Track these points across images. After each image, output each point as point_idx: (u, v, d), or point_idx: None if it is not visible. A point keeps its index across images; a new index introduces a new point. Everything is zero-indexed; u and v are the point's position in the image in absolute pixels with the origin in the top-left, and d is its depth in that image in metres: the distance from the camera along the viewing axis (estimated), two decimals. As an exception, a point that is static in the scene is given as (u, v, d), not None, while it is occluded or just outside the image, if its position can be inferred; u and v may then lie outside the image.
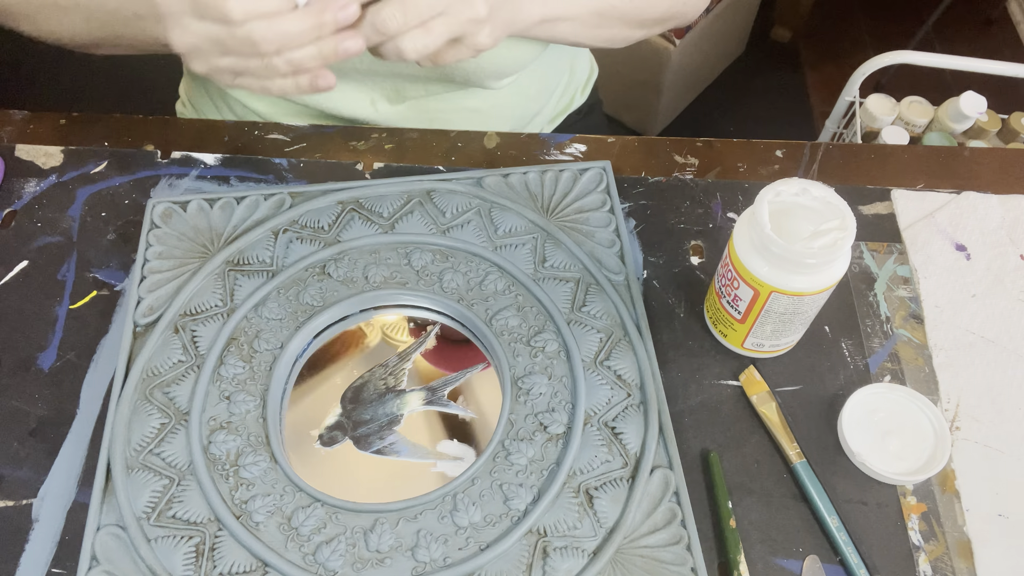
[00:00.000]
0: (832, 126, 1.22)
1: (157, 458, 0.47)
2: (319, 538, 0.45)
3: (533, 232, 0.56)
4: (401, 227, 0.56)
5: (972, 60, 1.07)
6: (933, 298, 0.55)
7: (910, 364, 0.53)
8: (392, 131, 0.64)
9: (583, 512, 0.45)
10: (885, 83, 1.71)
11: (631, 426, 0.48)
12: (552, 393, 0.49)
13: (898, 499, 0.47)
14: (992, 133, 1.13)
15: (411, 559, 0.44)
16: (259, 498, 0.46)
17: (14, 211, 0.60)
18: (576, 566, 0.44)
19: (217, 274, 0.54)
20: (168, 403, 0.49)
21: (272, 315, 0.52)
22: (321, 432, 0.50)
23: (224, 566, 0.44)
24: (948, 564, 0.45)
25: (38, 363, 0.53)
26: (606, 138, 0.64)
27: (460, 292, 0.54)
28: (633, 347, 0.51)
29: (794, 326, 0.49)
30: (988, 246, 0.58)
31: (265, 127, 0.65)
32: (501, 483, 0.46)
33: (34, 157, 0.62)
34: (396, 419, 0.50)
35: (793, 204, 0.47)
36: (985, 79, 1.11)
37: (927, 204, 0.60)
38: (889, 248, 0.58)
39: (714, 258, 0.57)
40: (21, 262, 0.57)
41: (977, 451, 0.49)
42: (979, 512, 0.47)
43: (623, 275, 0.54)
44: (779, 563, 0.46)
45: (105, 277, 0.56)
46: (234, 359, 0.51)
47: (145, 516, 0.45)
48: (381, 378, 0.52)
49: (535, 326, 0.52)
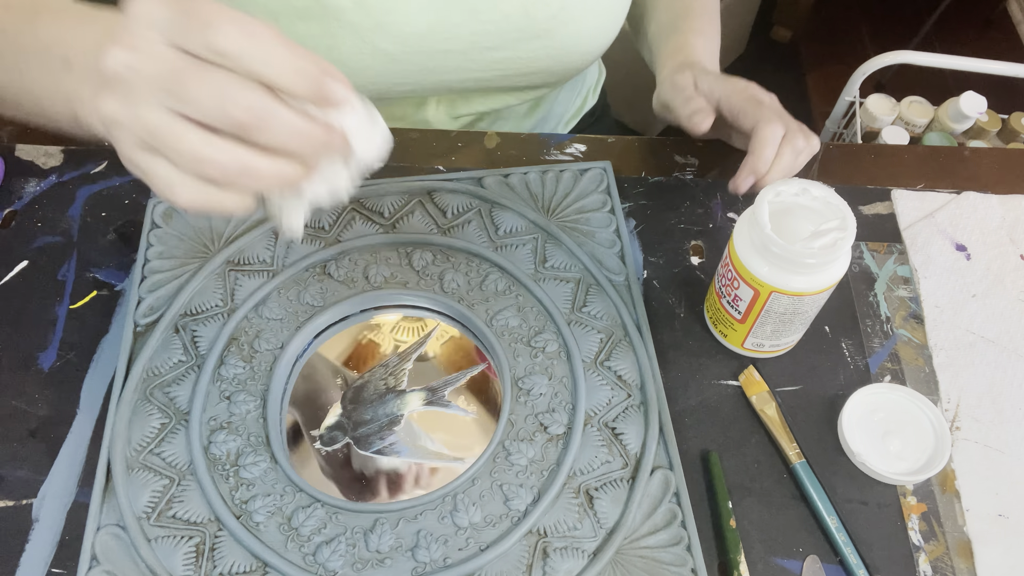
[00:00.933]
0: (832, 126, 1.22)
1: (157, 458, 0.47)
2: (319, 538, 0.45)
3: (534, 232, 0.56)
4: (402, 227, 0.56)
5: (972, 60, 1.07)
6: (933, 298, 0.55)
7: (910, 364, 0.53)
8: (392, 131, 0.64)
9: (583, 513, 0.45)
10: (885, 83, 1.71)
11: (631, 427, 0.48)
12: (552, 393, 0.49)
13: (898, 499, 0.47)
14: (992, 133, 1.13)
15: (411, 559, 0.44)
16: (259, 498, 0.46)
17: (14, 211, 0.60)
18: (576, 567, 0.44)
19: (218, 274, 0.54)
20: (168, 403, 0.49)
21: (272, 315, 0.52)
22: (321, 432, 0.50)
23: (224, 566, 0.44)
24: (948, 564, 0.45)
25: (38, 363, 0.53)
26: (606, 138, 0.64)
27: (460, 292, 0.54)
28: (633, 347, 0.51)
29: (794, 326, 0.49)
30: (988, 246, 0.58)
31: (265, 127, 0.64)
32: (501, 483, 0.46)
33: (34, 157, 0.62)
34: (396, 419, 0.50)
35: (793, 204, 0.47)
36: (985, 79, 1.11)
37: (927, 204, 0.60)
38: (889, 248, 0.58)
39: (714, 258, 0.57)
40: (21, 262, 0.57)
41: (977, 451, 0.49)
42: (979, 512, 0.47)
43: (623, 275, 0.54)
44: (779, 563, 0.46)
45: (105, 277, 0.56)
46: (234, 359, 0.51)
47: (145, 516, 0.45)
48: (381, 378, 0.52)
49: (535, 326, 0.52)
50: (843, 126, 1.20)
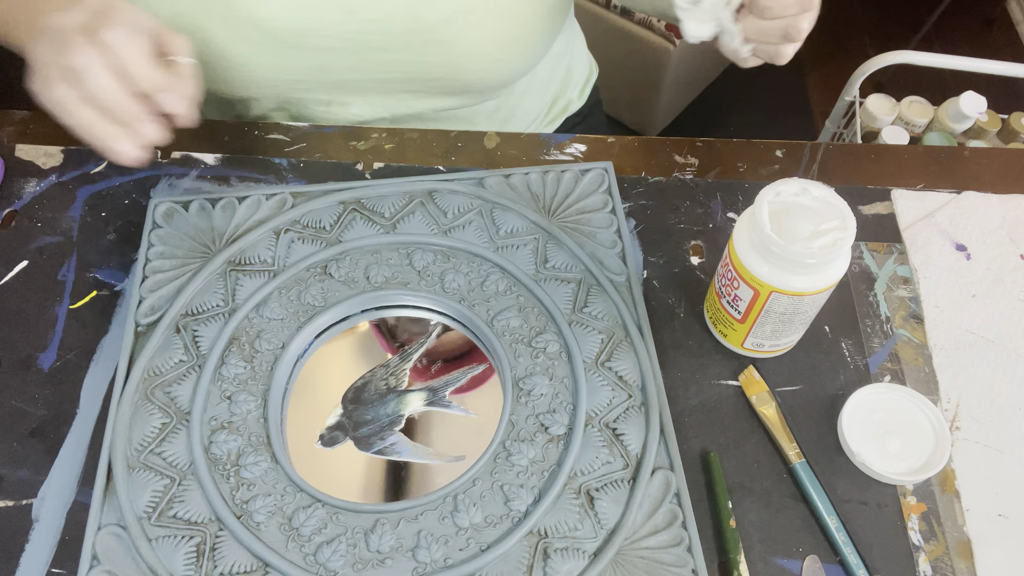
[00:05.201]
0: (832, 126, 1.22)
1: (158, 458, 0.47)
2: (320, 538, 0.45)
3: (534, 233, 0.56)
4: (403, 227, 0.56)
5: (972, 60, 1.07)
6: (933, 298, 0.55)
7: (910, 364, 0.53)
8: (392, 131, 0.64)
9: (584, 513, 0.45)
10: (885, 83, 1.71)
11: (632, 427, 0.48)
12: (553, 394, 0.49)
13: (898, 499, 0.48)
14: (992, 133, 1.13)
15: (412, 560, 0.44)
16: (260, 498, 0.46)
17: (14, 211, 0.60)
18: (577, 567, 0.44)
19: (219, 274, 0.54)
20: (169, 403, 0.49)
21: (273, 315, 0.52)
22: (322, 432, 0.50)
23: (225, 566, 0.44)
24: (948, 564, 0.45)
25: (38, 363, 0.53)
26: (606, 138, 0.64)
27: (461, 293, 0.54)
28: (634, 348, 0.51)
29: (794, 326, 0.49)
30: (988, 246, 0.58)
31: (265, 127, 0.65)
32: (502, 484, 0.46)
33: (34, 157, 0.62)
34: (397, 419, 0.50)
35: (793, 204, 0.47)
36: (985, 79, 1.11)
37: (927, 204, 0.60)
38: (889, 248, 0.58)
39: (714, 258, 0.57)
40: (21, 262, 0.57)
41: (977, 451, 0.49)
42: (979, 512, 0.47)
43: (624, 276, 0.54)
44: (779, 563, 0.46)
45: (105, 277, 0.56)
46: (235, 359, 0.51)
47: (146, 516, 0.45)
48: (382, 378, 0.52)
49: (536, 327, 0.52)
50: (843, 126, 1.20)
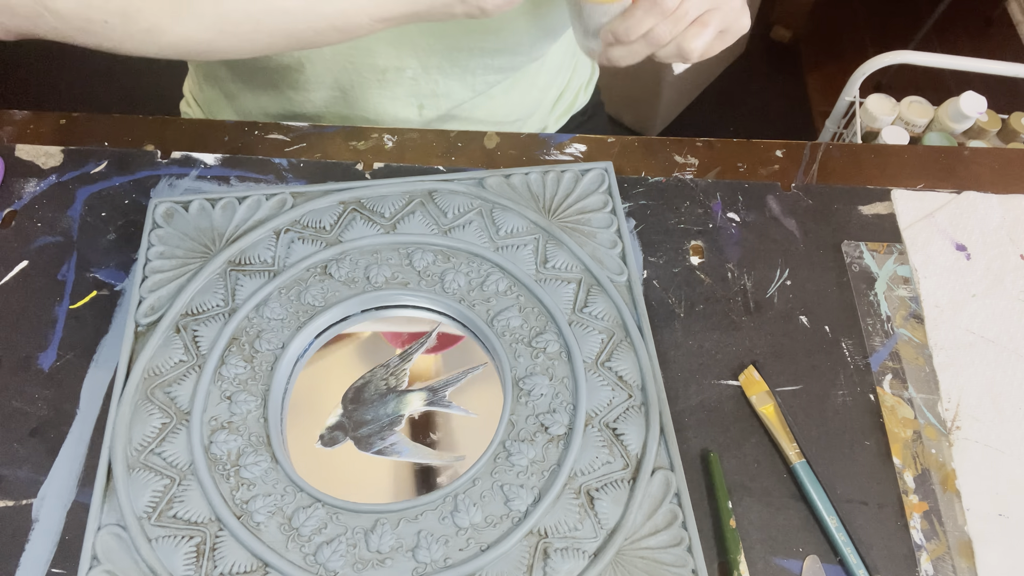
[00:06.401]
0: (832, 126, 1.22)
1: (158, 458, 0.47)
2: (320, 538, 0.45)
3: (535, 233, 0.56)
4: (403, 227, 0.56)
5: (972, 60, 1.07)
6: (933, 298, 0.55)
7: (911, 363, 0.53)
8: (392, 131, 0.64)
9: (584, 513, 0.45)
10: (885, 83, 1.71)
11: (632, 427, 0.48)
12: (553, 394, 0.49)
13: (899, 499, 0.48)
14: (992, 133, 1.13)
15: (412, 560, 0.44)
16: (260, 498, 0.46)
17: (14, 211, 0.60)
18: (577, 567, 0.44)
19: (219, 274, 0.54)
20: (169, 403, 0.49)
21: (273, 315, 0.52)
22: (322, 432, 0.50)
23: (225, 566, 0.44)
24: (949, 563, 0.45)
25: (38, 363, 0.53)
26: (606, 138, 0.64)
27: (461, 293, 0.54)
28: (634, 348, 0.51)
29: None
30: (988, 246, 0.58)
31: (265, 127, 0.65)
32: (502, 484, 0.46)
33: (34, 157, 0.62)
34: (397, 419, 0.50)
35: None
36: (985, 79, 1.11)
37: (927, 204, 0.60)
38: (889, 248, 0.58)
39: (714, 258, 0.57)
40: (21, 262, 0.57)
41: (977, 451, 0.49)
42: (980, 512, 0.47)
43: (625, 276, 0.54)
44: (779, 563, 0.46)
45: (105, 277, 0.56)
46: (235, 359, 0.51)
47: (146, 516, 0.45)
48: (382, 378, 0.52)
49: (536, 327, 0.52)
50: (843, 126, 1.20)
